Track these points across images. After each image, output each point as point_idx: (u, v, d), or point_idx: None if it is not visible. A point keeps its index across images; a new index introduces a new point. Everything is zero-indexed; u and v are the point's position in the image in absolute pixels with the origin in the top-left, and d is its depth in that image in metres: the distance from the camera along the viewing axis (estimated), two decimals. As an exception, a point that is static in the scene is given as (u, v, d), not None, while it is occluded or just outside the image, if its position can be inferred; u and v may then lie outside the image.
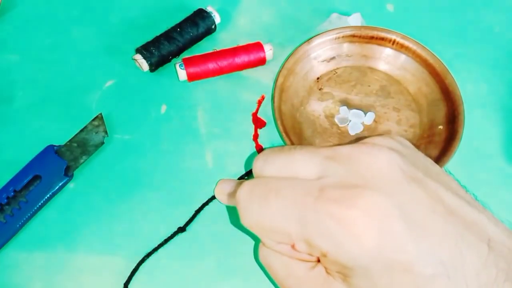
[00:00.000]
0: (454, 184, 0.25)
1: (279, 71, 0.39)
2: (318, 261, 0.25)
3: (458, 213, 0.22)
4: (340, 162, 0.24)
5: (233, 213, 0.36)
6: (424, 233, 0.22)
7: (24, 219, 0.36)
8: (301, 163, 0.25)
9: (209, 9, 0.43)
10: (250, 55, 0.41)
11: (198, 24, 0.42)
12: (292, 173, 0.25)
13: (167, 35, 0.42)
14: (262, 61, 0.42)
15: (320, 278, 0.24)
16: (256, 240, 0.35)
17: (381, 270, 0.21)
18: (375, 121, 0.40)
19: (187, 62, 0.41)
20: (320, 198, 0.23)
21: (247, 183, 0.26)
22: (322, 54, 0.41)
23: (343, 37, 0.41)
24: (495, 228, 0.22)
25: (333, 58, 0.42)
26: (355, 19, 0.44)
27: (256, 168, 0.27)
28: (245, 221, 0.25)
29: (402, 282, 0.21)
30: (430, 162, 0.26)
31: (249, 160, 0.39)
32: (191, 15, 0.43)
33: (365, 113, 0.40)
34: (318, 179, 0.24)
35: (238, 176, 0.38)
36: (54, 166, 0.37)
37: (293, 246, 0.24)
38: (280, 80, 0.39)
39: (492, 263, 0.21)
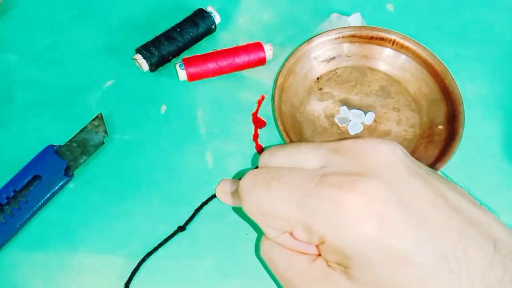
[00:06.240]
0: (457, 186, 0.25)
1: (279, 71, 0.39)
2: (319, 255, 0.25)
3: (462, 211, 0.22)
4: (344, 153, 0.25)
5: (236, 211, 0.37)
6: (424, 224, 0.21)
7: (24, 219, 0.36)
8: (305, 155, 0.26)
9: (209, 9, 0.43)
10: (250, 55, 0.41)
11: (198, 24, 0.42)
12: (296, 164, 0.26)
13: (167, 35, 0.42)
14: (262, 61, 0.42)
15: (321, 270, 0.24)
16: (258, 236, 0.36)
17: (381, 260, 0.21)
18: (375, 121, 0.40)
19: (187, 62, 0.41)
20: (320, 183, 0.23)
21: (250, 171, 0.26)
22: (322, 54, 0.41)
23: (343, 37, 0.41)
24: (501, 230, 0.22)
25: (333, 58, 0.42)
26: (355, 19, 0.44)
27: (262, 161, 0.27)
28: (246, 206, 0.26)
29: (403, 274, 0.21)
30: (431, 169, 0.26)
31: (249, 160, 0.39)
32: (191, 15, 0.43)
33: (365, 113, 0.40)
34: (321, 168, 0.24)
35: (240, 177, 0.38)
36: (54, 166, 0.37)
37: (292, 234, 0.25)
38: (280, 80, 0.39)
39: (499, 263, 0.21)
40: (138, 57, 0.41)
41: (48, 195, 0.36)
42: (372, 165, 0.23)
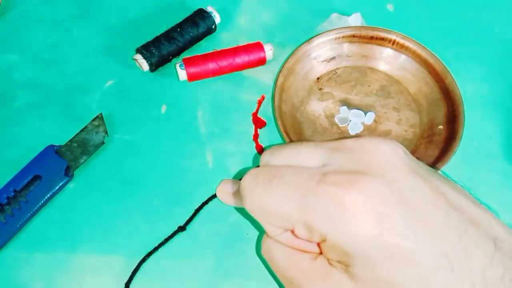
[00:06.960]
0: (457, 186, 0.25)
1: (280, 71, 0.39)
2: (321, 253, 0.25)
3: (462, 210, 0.22)
4: (344, 151, 0.25)
5: (238, 211, 0.37)
6: (424, 223, 0.22)
7: (24, 219, 0.36)
8: (306, 154, 0.26)
9: (209, 9, 0.43)
10: (250, 55, 0.41)
11: (198, 24, 0.42)
12: (297, 163, 0.26)
13: (167, 35, 0.42)
14: (262, 61, 0.42)
15: (323, 269, 0.25)
16: (259, 235, 0.36)
17: (382, 259, 0.21)
18: (375, 121, 0.40)
19: (187, 62, 0.41)
20: (321, 181, 0.23)
21: (252, 170, 0.26)
22: (322, 54, 0.42)
23: (343, 37, 0.41)
24: (501, 229, 0.22)
25: (333, 58, 0.42)
26: (355, 19, 0.44)
27: (263, 160, 0.28)
28: (248, 205, 0.26)
29: (403, 273, 0.21)
30: (432, 169, 0.26)
31: (249, 160, 0.39)
32: (191, 15, 0.43)
33: (365, 113, 0.40)
34: (321, 167, 0.24)
35: (240, 177, 0.38)
36: (54, 166, 0.37)
37: (293, 232, 0.25)
38: (281, 79, 0.39)
39: (499, 261, 0.21)
40: (138, 57, 0.41)
41: (48, 195, 0.36)
42: (372, 164, 0.23)
